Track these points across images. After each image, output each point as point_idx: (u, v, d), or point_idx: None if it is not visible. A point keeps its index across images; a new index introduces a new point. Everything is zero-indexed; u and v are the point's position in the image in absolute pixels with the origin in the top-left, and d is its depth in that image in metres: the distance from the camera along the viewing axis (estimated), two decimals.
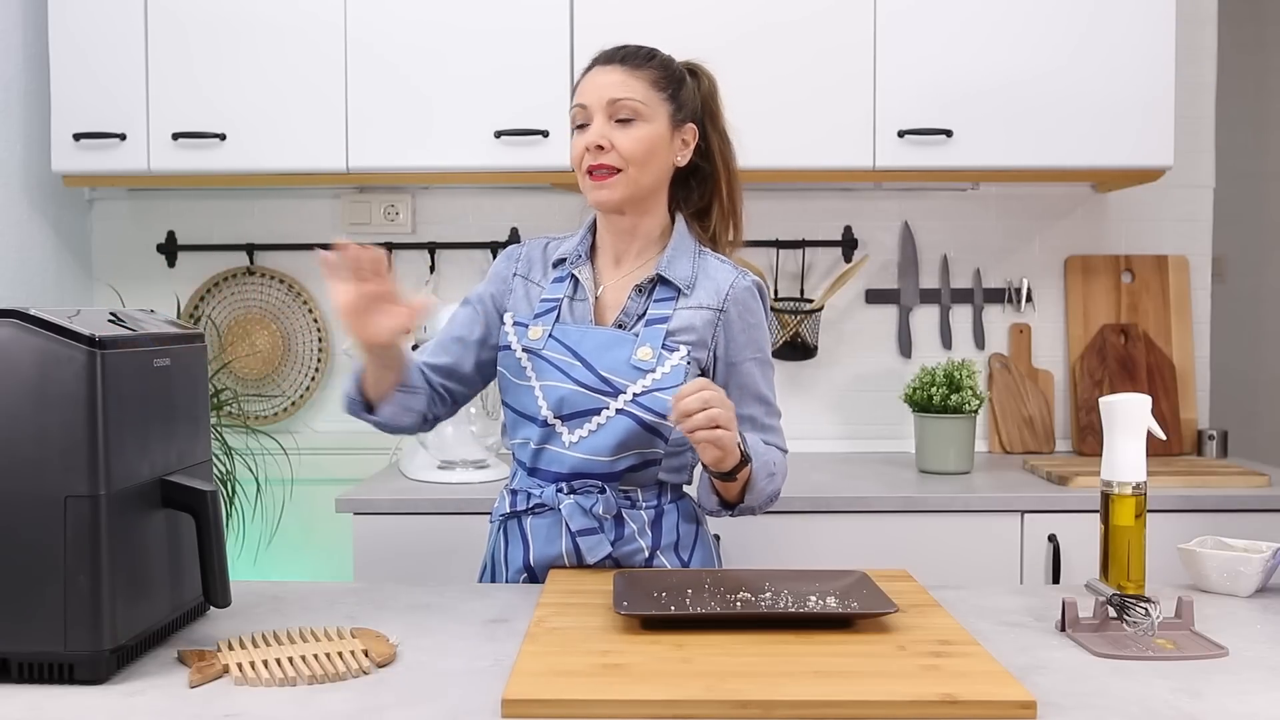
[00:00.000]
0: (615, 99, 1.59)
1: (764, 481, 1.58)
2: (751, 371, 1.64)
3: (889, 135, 2.54)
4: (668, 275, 1.62)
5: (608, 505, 1.60)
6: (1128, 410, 1.49)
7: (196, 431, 1.39)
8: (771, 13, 2.54)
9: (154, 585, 1.27)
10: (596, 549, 1.60)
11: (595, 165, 1.59)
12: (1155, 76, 2.53)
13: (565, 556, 1.62)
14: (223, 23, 2.58)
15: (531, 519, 1.63)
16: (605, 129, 1.59)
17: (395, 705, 1.11)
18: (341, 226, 2.95)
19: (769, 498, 1.61)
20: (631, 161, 1.59)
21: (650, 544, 1.64)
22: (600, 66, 1.63)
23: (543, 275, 1.70)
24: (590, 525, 1.60)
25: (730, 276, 1.64)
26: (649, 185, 1.63)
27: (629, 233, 1.67)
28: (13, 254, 2.65)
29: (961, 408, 2.55)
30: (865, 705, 1.07)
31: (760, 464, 1.57)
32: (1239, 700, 1.12)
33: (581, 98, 1.62)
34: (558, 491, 1.61)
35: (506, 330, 1.66)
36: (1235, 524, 2.29)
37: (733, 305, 1.63)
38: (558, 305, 1.65)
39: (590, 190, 1.62)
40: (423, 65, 2.57)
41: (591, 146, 1.59)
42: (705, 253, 1.68)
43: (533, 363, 1.62)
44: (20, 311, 1.17)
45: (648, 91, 1.60)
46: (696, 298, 1.62)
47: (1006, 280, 2.95)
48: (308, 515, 2.93)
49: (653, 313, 1.62)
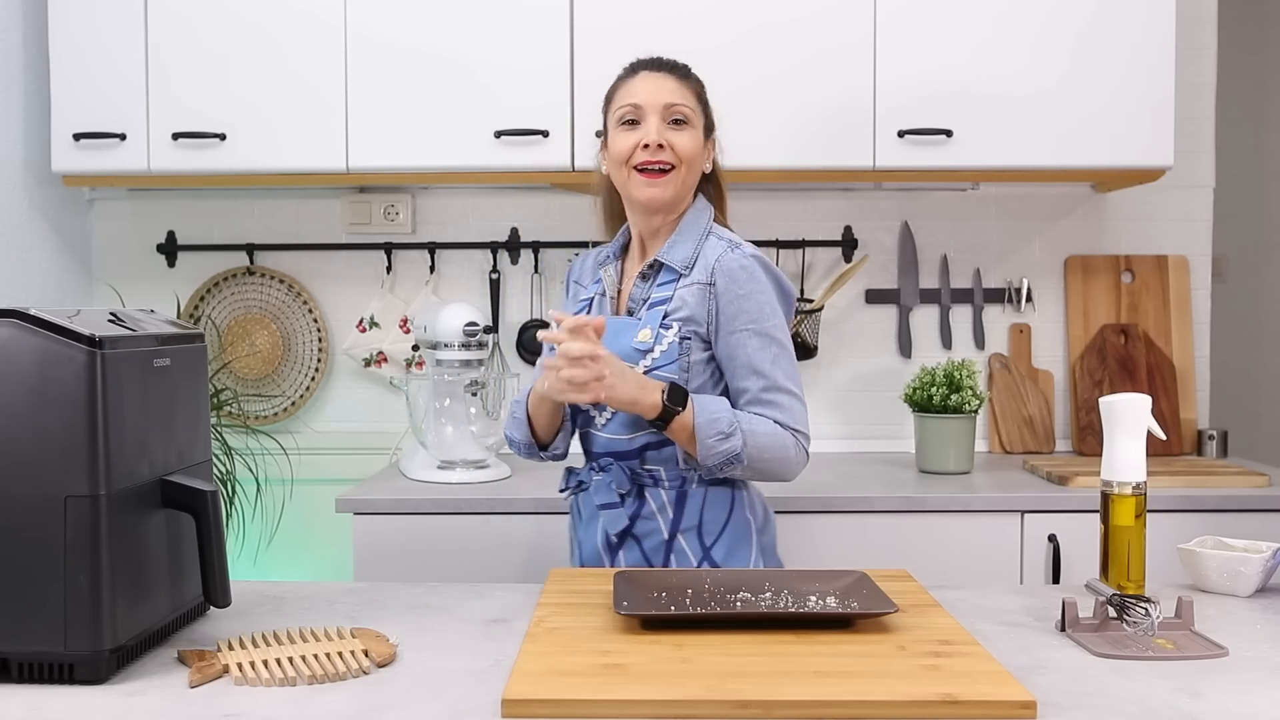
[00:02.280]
0: (672, 103, 1.70)
1: (713, 438, 1.60)
2: (743, 343, 1.67)
3: (889, 135, 2.54)
4: (665, 260, 1.73)
5: (619, 480, 1.71)
6: (1128, 410, 1.49)
7: (196, 431, 1.40)
8: (771, 12, 2.54)
9: (154, 585, 1.27)
10: (615, 521, 1.71)
11: (651, 162, 1.68)
12: (1155, 76, 2.52)
13: (598, 533, 1.75)
14: (223, 23, 2.58)
15: (582, 495, 1.80)
16: (663, 129, 1.69)
17: (395, 705, 1.11)
18: (341, 226, 2.95)
19: (724, 458, 1.61)
20: (685, 161, 1.70)
21: (670, 524, 1.70)
22: (650, 72, 1.73)
23: (589, 278, 1.87)
24: (611, 500, 1.71)
25: (719, 250, 1.70)
26: (690, 186, 1.74)
27: (660, 231, 1.77)
28: (13, 254, 2.65)
29: (961, 408, 2.55)
30: (865, 705, 1.07)
31: (707, 419, 1.60)
32: (1239, 700, 1.12)
33: (634, 98, 1.70)
34: (591, 470, 1.76)
35: None
36: (1235, 524, 2.29)
37: (720, 277, 1.68)
38: (589, 303, 1.81)
39: (641, 187, 1.70)
40: (423, 65, 2.57)
41: (651, 144, 1.67)
42: (713, 233, 1.75)
43: None
44: (20, 311, 1.17)
45: (694, 102, 1.73)
46: (694, 276, 1.71)
47: (1006, 280, 2.95)
48: (308, 515, 2.93)
49: (655, 296, 1.72)
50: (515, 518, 2.32)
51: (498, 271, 2.92)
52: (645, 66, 1.74)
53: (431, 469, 2.50)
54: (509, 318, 2.95)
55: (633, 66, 1.77)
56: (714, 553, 1.71)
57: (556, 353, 1.56)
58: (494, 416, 2.57)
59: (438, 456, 2.50)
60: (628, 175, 1.70)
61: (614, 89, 1.77)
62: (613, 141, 1.73)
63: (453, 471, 2.48)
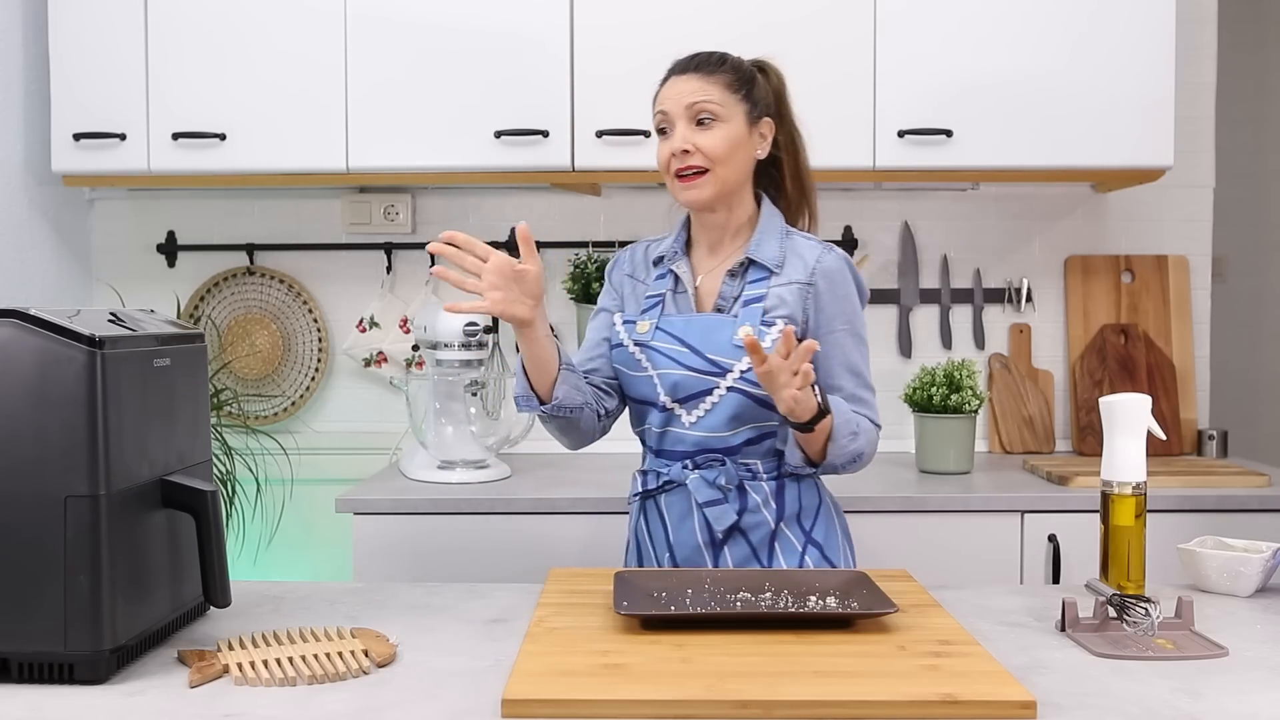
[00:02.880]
0: (692, 103, 1.70)
1: (845, 439, 1.63)
2: (841, 342, 1.72)
3: (889, 135, 2.54)
4: (757, 258, 1.73)
5: (729, 476, 1.70)
6: (1128, 410, 1.49)
7: (196, 431, 1.40)
8: (771, 12, 2.54)
9: (154, 585, 1.27)
10: (723, 517, 1.69)
11: (682, 168, 1.70)
12: (1155, 76, 2.52)
13: (697, 530, 1.71)
14: (223, 23, 2.58)
15: (665, 496, 1.75)
16: (687, 133, 1.70)
17: (395, 705, 1.11)
18: (341, 226, 2.95)
19: (851, 456, 1.66)
20: (715, 160, 1.70)
21: (775, 515, 1.72)
22: (676, 76, 1.74)
23: (646, 274, 1.84)
24: (715, 496, 1.70)
25: (817, 251, 1.75)
26: (735, 180, 1.73)
27: (721, 225, 1.77)
28: (13, 254, 2.65)
29: (961, 408, 2.54)
30: (865, 705, 1.07)
31: (841, 420, 1.62)
32: (1239, 700, 1.12)
33: (661, 105, 1.73)
34: (683, 468, 1.72)
35: (617, 329, 1.80)
36: (1235, 524, 2.29)
37: (821, 278, 1.72)
38: (661, 299, 1.78)
39: (680, 191, 1.72)
40: (423, 65, 2.57)
41: (677, 151, 1.70)
42: (792, 233, 1.79)
43: (645, 354, 1.74)
44: (20, 311, 1.17)
45: (723, 94, 1.71)
46: (787, 275, 1.73)
47: (1006, 280, 2.95)
48: (308, 515, 2.93)
49: (748, 293, 1.73)
50: (515, 518, 2.32)
51: None
52: (674, 70, 1.75)
53: (431, 469, 2.50)
54: None
55: (668, 70, 1.77)
56: (814, 535, 1.74)
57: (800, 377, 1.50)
58: (494, 416, 2.57)
59: (438, 456, 2.50)
60: (670, 182, 1.73)
61: (655, 95, 1.78)
62: (656, 151, 1.76)
63: (453, 471, 2.48)
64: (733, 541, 1.71)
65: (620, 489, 2.37)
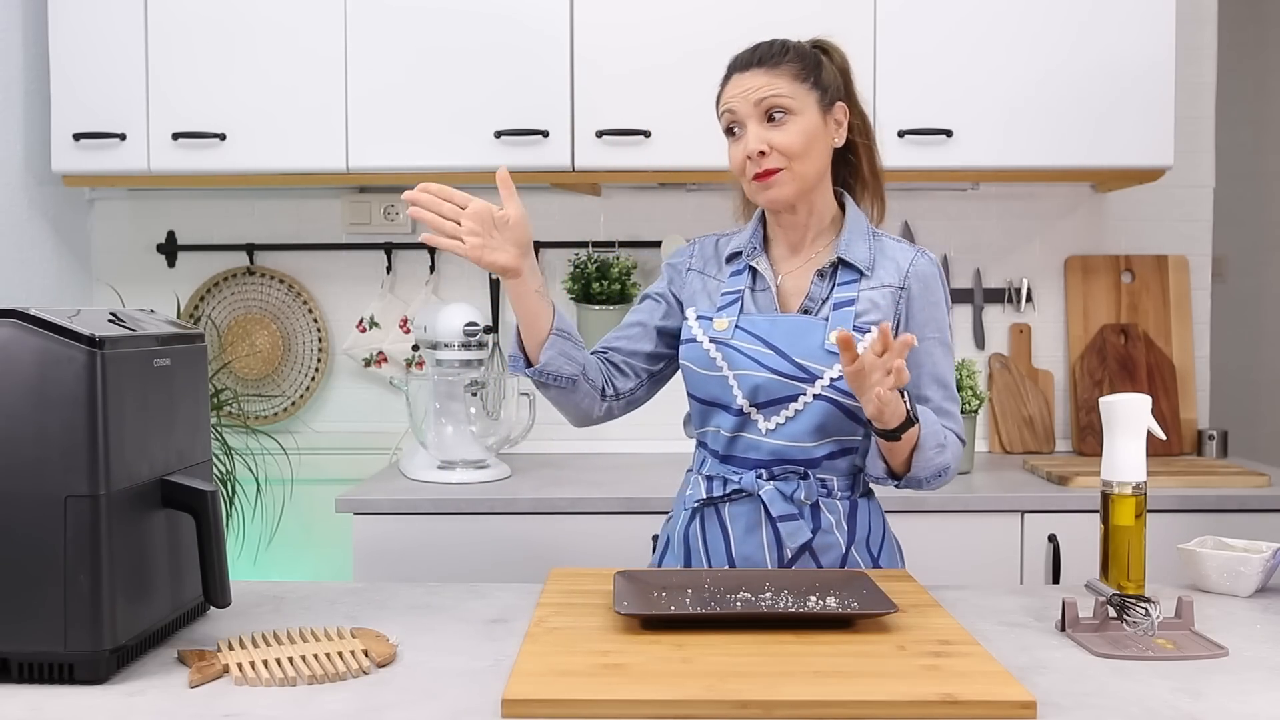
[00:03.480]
0: (761, 99, 1.60)
1: (933, 451, 1.55)
2: (931, 351, 1.64)
3: (889, 135, 2.53)
4: (848, 258, 1.64)
5: (809, 491, 1.61)
6: (1128, 410, 1.49)
7: (196, 431, 1.40)
8: (771, 13, 2.54)
9: (154, 585, 1.27)
10: (796, 534, 1.60)
11: (760, 171, 1.60)
12: (1155, 76, 2.52)
13: (765, 546, 1.62)
14: (223, 23, 2.58)
15: (730, 506, 1.64)
16: (760, 132, 1.60)
17: (395, 705, 1.11)
18: (341, 226, 2.95)
19: (937, 470, 1.58)
20: (793, 157, 1.59)
21: (846, 539, 1.63)
22: (739, 73, 1.64)
23: (718, 270, 1.72)
24: (791, 511, 1.60)
25: (910, 254, 1.67)
26: (814, 175, 1.63)
27: (803, 225, 1.67)
28: (13, 254, 2.65)
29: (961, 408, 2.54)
30: (865, 705, 1.07)
31: (929, 431, 1.54)
32: (1239, 700, 1.12)
33: (728, 104, 1.63)
34: (757, 478, 1.62)
35: (690, 324, 1.68)
36: (1235, 524, 2.29)
37: (915, 281, 1.64)
38: (740, 296, 1.66)
39: (759, 193, 1.62)
40: (423, 65, 2.57)
41: (753, 154, 1.59)
42: (880, 234, 1.69)
43: (722, 353, 1.62)
44: (20, 311, 1.17)
45: (792, 85, 1.61)
46: (878, 278, 1.64)
47: (1006, 280, 2.95)
48: (308, 515, 2.93)
49: (838, 296, 1.63)
50: (515, 518, 2.32)
51: None
52: (736, 67, 1.65)
53: (431, 469, 2.50)
54: (509, 318, 2.95)
55: (728, 68, 1.68)
56: (881, 561, 1.68)
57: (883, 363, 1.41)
58: (494, 416, 2.57)
59: (438, 456, 2.50)
60: (747, 185, 1.64)
61: (718, 95, 1.68)
62: (729, 154, 1.65)
63: (453, 471, 2.48)
64: (802, 561, 1.61)
65: (620, 489, 2.37)
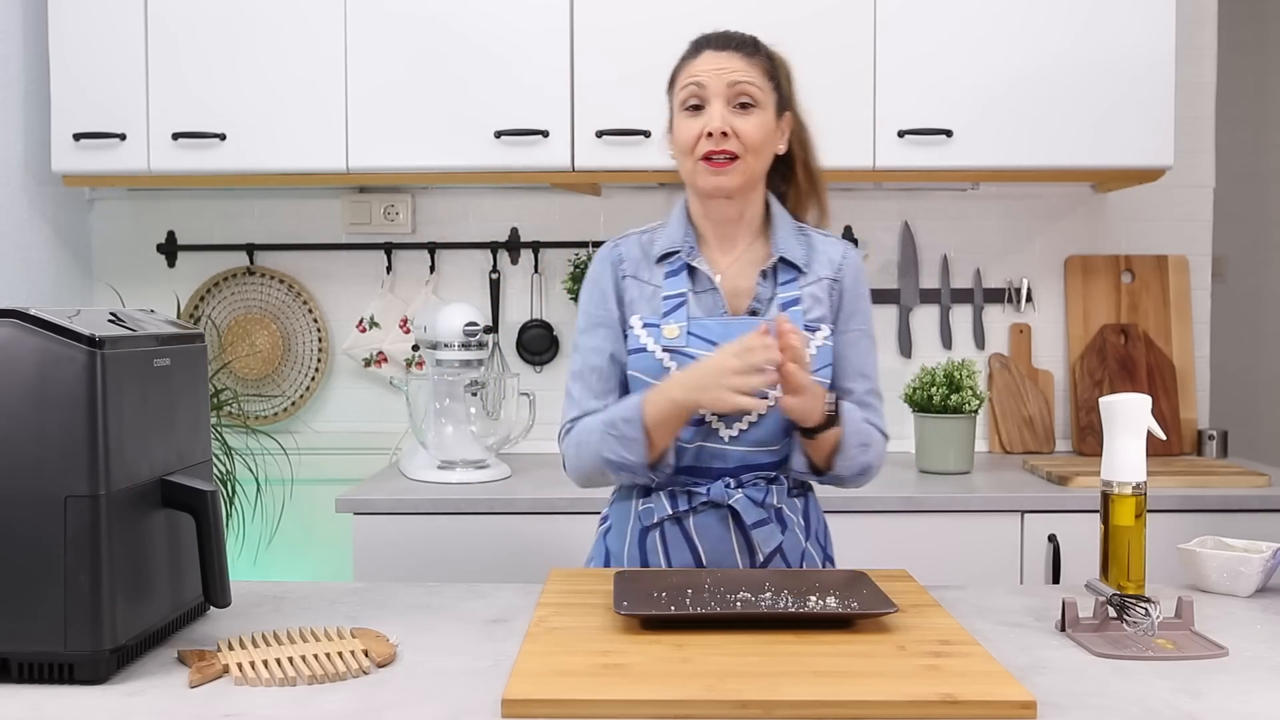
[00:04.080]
0: (736, 82, 1.57)
1: (856, 450, 1.57)
2: (856, 343, 1.65)
3: (889, 135, 2.54)
4: (789, 257, 1.62)
5: (780, 494, 1.61)
6: (1128, 410, 1.49)
7: (196, 431, 1.39)
8: (771, 13, 2.54)
9: (154, 585, 1.27)
10: (770, 539, 1.59)
11: (717, 151, 1.56)
12: (1155, 76, 2.52)
13: (737, 553, 1.60)
14: (223, 23, 2.58)
15: (695, 518, 1.60)
16: (727, 114, 1.56)
17: (395, 705, 1.11)
18: (341, 226, 2.95)
19: (860, 469, 1.59)
20: (750, 149, 1.57)
21: (804, 533, 1.65)
22: (714, 51, 1.60)
23: (650, 272, 1.65)
24: (763, 516, 1.59)
25: (841, 248, 1.68)
26: (759, 172, 1.62)
27: (736, 219, 1.64)
28: (13, 254, 2.65)
29: (961, 408, 2.54)
30: (865, 705, 1.07)
31: (852, 430, 1.55)
32: (1239, 700, 1.12)
33: (697, 77, 1.58)
34: (726, 487, 1.59)
35: (636, 333, 1.61)
36: (1235, 524, 2.29)
37: (847, 275, 1.65)
38: (684, 300, 1.61)
39: (707, 176, 1.57)
40: (423, 65, 2.57)
41: (715, 132, 1.55)
42: (805, 229, 1.69)
43: (677, 361, 1.57)
44: (20, 311, 1.17)
45: (762, 80, 1.60)
46: (814, 273, 1.64)
47: (1006, 280, 2.95)
48: (308, 515, 2.93)
49: (783, 295, 1.62)
50: (515, 518, 2.32)
51: (498, 271, 2.92)
52: (709, 44, 1.62)
53: (431, 469, 2.50)
54: (509, 318, 2.95)
55: (696, 44, 1.64)
56: (829, 552, 1.70)
57: (786, 369, 1.43)
58: (494, 416, 2.57)
59: (438, 456, 2.50)
60: (693, 164, 1.58)
61: (677, 69, 1.64)
62: (676, 127, 1.61)
63: (453, 471, 2.48)
64: (774, 564, 1.61)
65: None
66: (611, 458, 1.55)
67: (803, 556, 1.64)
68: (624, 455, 1.53)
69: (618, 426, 1.53)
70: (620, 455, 1.54)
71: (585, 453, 1.59)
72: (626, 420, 1.53)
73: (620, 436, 1.53)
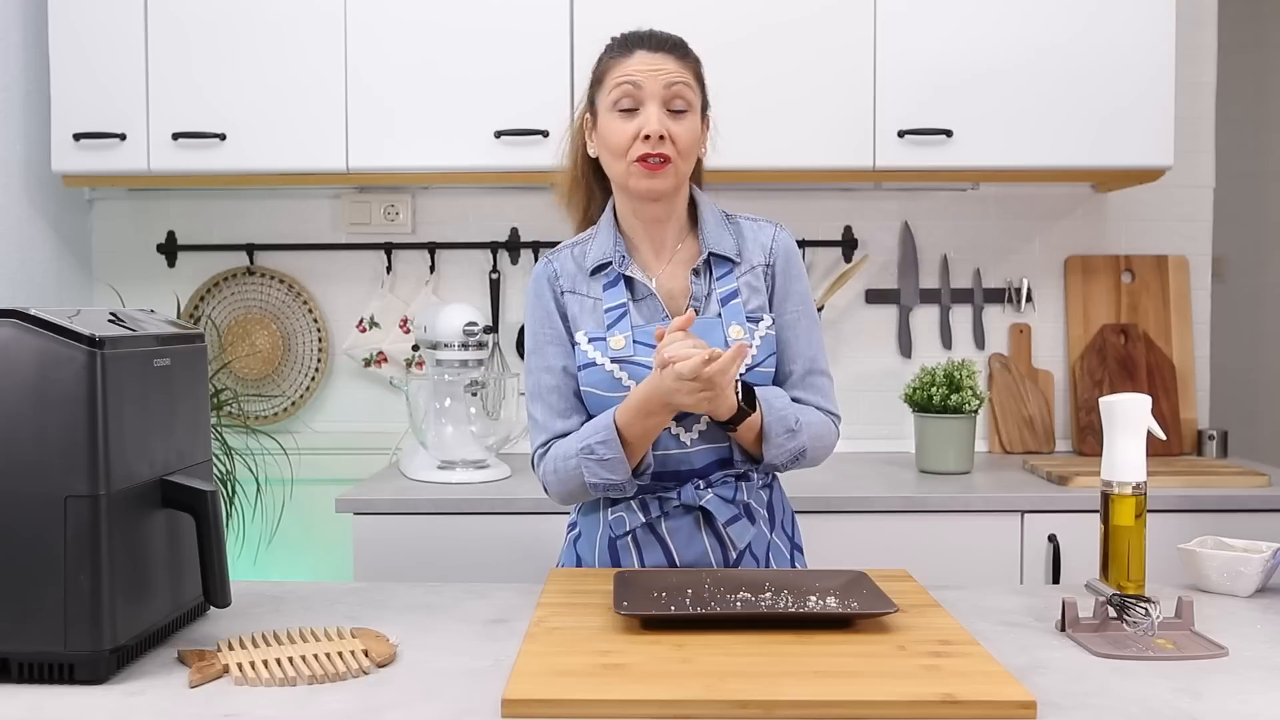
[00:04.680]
0: (672, 84, 1.56)
1: (782, 437, 1.55)
2: (793, 325, 1.64)
3: (889, 135, 2.54)
4: (718, 250, 1.62)
5: (751, 490, 1.61)
6: (1128, 410, 1.49)
7: (196, 431, 1.40)
8: (771, 13, 2.54)
9: (154, 585, 1.27)
10: (744, 534, 1.59)
11: (653, 154, 1.54)
12: (1155, 76, 2.53)
13: (710, 552, 1.60)
14: (223, 23, 2.58)
15: (667, 522, 1.60)
16: (664, 118, 1.55)
17: (395, 705, 1.11)
18: (341, 226, 2.95)
19: (793, 455, 1.58)
20: (683, 153, 1.57)
21: (768, 525, 1.65)
22: (648, 52, 1.58)
23: (587, 286, 1.64)
24: (735, 514, 1.59)
25: (770, 230, 1.67)
26: (687, 175, 1.62)
27: (663, 220, 1.63)
28: (13, 254, 2.65)
29: (961, 408, 2.54)
30: (865, 705, 1.07)
31: (775, 418, 1.54)
32: (1239, 700, 1.12)
33: (631, 77, 1.56)
34: (695, 489, 1.59)
35: (583, 348, 1.60)
36: (1235, 524, 2.29)
37: (779, 258, 1.65)
38: (625, 310, 1.60)
39: (641, 178, 1.56)
40: (423, 65, 2.57)
41: (653, 135, 1.53)
42: (732, 217, 1.68)
43: (627, 370, 1.57)
44: (20, 311, 1.17)
45: (694, 82, 1.60)
46: (747, 261, 1.63)
47: (1006, 280, 2.95)
48: (308, 515, 2.93)
49: (720, 289, 1.61)
50: (515, 518, 2.32)
51: (498, 271, 2.92)
52: (642, 44, 1.59)
53: (431, 469, 2.50)
54: (509, 318, 2.95)
55: (626, 41, 1.61)
56: (796, 540, 1.70)
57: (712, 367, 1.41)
58: (494, 416, 2.57)
59: (438, 456, 2.50)
60: (626, 166, 1.56)
61: (606, 66, 1.61)
62: (607, 128, 1.58)
63: (453, 471, 2.48)
64: (745, 560, 1.61)
65: None
66: (595, 481, 1.55)
67: (768, 548, 1.64)
68: (607, 476, 1.54)
69: (595, 451, 1.53)
70: (603, 477, 1.54)
71: (565, 478, 1.59)
72: (603, 443, 1.53)
73: (599, 460, 1.53)
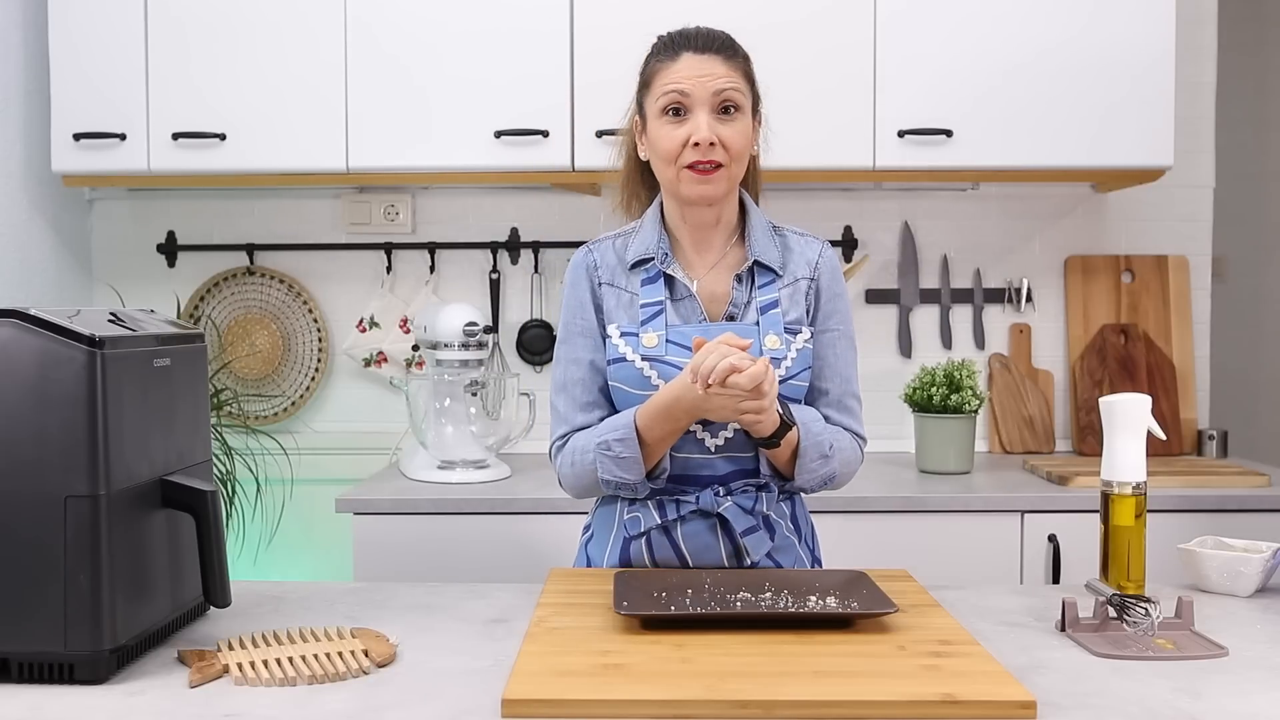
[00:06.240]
0: (721, 89, 1.52)
1: (815, 462, 1.54)
2: (833, 344, 1.62)
3: (889, 135, 2.54)
4: (764, 260, 1.59)
5: (770, 501, 1.58)
6: (1128, 410, 1.49)
7: (196, 431, 1.40)
8: (771, 13, 2.54)
9: (154, 585, 1.27)
10: (759, 545, 1.57)
11: (703, 160, 1.52)
12: (1155, 76, 2.52)
13: (725, 560, 1.58)
14: (223, 23, 2.58)
15: (683, 526, 1.57)
16: (713, 123, 1.52)
17: (395, 705, 1.11)
18: (341, 226, 2.95)
19: (822, 479, 1.57)
20: (735, 157, 1.54)
21: (798, 538, 1.63)
22: (694, 54, 1.54)
23: (626, 279, 1.61)
24: (752, 524, 1.57)
25: (817, 246, 1.65)
26: (739, 177, 1.59)
27: (712, 224, 1.61)
28: (13, 254, 2.65)
29: (961, 408, 2.54)
30: (865, 705, 1.07)
31: (811, 441, 1.53)
32: (1239, 700, 1.12)
33: (678, 84, 1.53)
34: (714, 495, 1.56)
35: (614, 342, 1.58)
36: (1235, 524, 2.29)
37: (823, 274, 1.63)
38: (662, 308, 1.57)
39: (693, 184, 1.53)
40: (423, 65, 2.57)
41: (703, 142, 1.51)
42: (780, 229, 1.66)
43: (657, 369, 1.54)
44: (20, 311, 1.17)
45: (744, 84, 1.56)
46: (790, 274, 1.61)
47: (1006, 280, 2.95)
48: (308, 515, 2.93)
49: (760, 299, 1.59)
50: (515, 518, 2.32)
51: (498, 271, 2.92)
52: (689, 45, 1.55)
53: (431, 469, 2.50)
54: (509, 318, 2.95)
55: (673, 42, 1.57)
56: (818, 555, 1.69)
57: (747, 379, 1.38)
58: (494, 416, 2.57)
59: (438, 456, 2.50)
60: (676, 172, 1.54)
61: (653, 70, 1.58)
62: (656, 134, 1.55)
63: (453, 471, 2.48)
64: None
65: None
66: (609, 478, 1.54)
67: (794, 562, 1.63)
68: (621, 475, 1.53)
69: (612, 448, 1.52)
70: (617, 475, 1.53)
71: (581, 471, 1.58)
72: (620, 441, 1.51)
73: (616, 458, 1.52)
